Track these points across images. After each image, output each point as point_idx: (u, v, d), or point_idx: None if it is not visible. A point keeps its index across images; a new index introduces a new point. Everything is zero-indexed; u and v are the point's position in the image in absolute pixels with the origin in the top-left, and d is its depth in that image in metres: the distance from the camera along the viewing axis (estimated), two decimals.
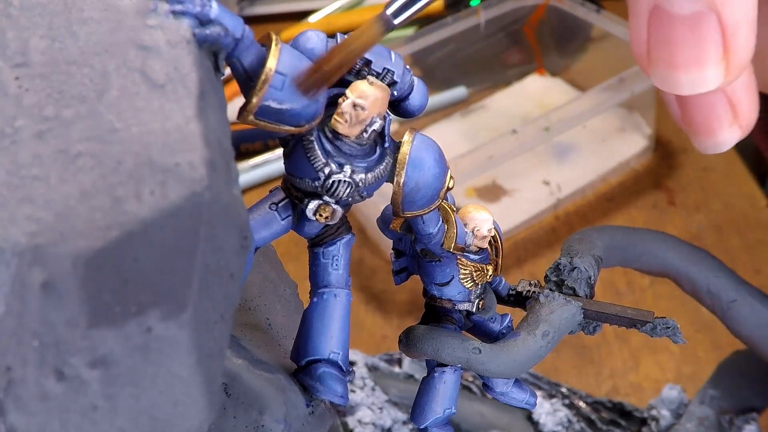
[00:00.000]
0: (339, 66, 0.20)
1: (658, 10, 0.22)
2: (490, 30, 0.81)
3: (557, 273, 0.30)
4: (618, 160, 0.73)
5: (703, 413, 0.42)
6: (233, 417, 0.24)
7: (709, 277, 0.34)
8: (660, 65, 0.23)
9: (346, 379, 0.25)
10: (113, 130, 0.18)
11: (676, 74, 0.23)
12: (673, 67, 0.23)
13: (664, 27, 0.22)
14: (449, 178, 0.25)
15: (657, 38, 0.22)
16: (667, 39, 0.22)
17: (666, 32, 0.22)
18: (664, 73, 0.23)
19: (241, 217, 0.20)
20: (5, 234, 0.16)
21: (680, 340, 0.29)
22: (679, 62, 0.22)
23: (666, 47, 0.22)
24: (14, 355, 0.17)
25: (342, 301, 0.25)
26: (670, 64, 0.22)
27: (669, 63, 0.23)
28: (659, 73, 0.23)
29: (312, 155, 0.22)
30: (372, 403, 0.45)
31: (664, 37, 0.22)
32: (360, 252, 0.67)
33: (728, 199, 0.71)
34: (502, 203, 0.70)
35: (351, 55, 0.20)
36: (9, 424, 0.17)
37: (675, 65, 0.22)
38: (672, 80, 0.23)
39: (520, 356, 0.28)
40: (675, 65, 0.22)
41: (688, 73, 0.22)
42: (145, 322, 0.17)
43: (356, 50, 0.20)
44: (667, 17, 0.22)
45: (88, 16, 0.19)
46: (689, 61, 0.22)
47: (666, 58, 0.22)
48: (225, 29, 0.20)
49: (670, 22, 0.22)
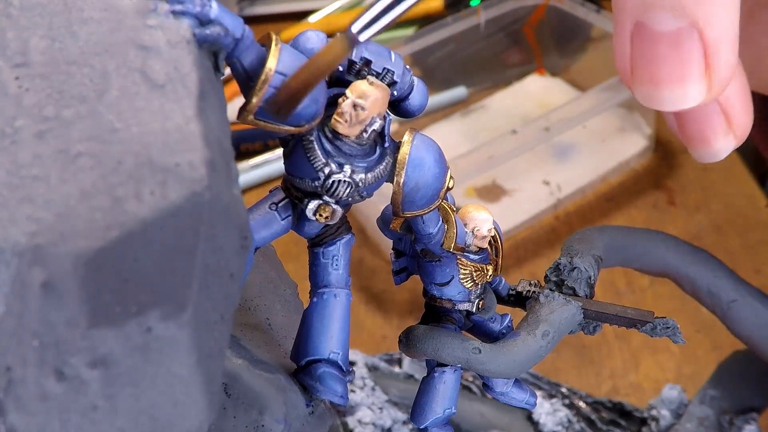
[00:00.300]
0: (306, 83, 0.20)
1: (641, 26, 0.22)
2: (490, 30, 0.81)
3: (557, 273, 0.30)
4: (618, 160, 0.73)
5: (703, 413, 0.42)
6: (233, 417, 0.24)
7: (709, 277, 0.34)
8: (643, 82, 0.23)
9: (346, 379, 0.25)
10: (113, 130, 0.18)
11: (659, 91, 0.23)
12: (655, 83, 0.23)
13: (647, 44, 0.22)
14: (449, 178, 0.25)
15: (640, 55, 0.22)
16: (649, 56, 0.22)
17: (648, 49, 0.22)
18: (647, 89, 0.23)
19: (241, 217, 0.20)
20: (5, 234, 0.16)
21: (680, 340, 0.29)
22: (662, 79, 0.22)
23: (648, 64, 0.22)
24: (14, 355, 0.17)
25: (342, 301, 0.25)
26: (653, 81, 0.23)
27: (651, 80, 0.23)
28: (642, 90, 0.23)
29: (312, 155, 0.22)
30: (372, 403, 0.45)
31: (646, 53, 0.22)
32: (360, 252, 0.67)
33: (728, 199, 0.71)
34: (502, 203, 0.70)
35: (317, 71, 0.20)
36: (9, 424, 0.17)
37: (657, 82, 0.23)
38: (655, 97, 0.23)
39: (520, 356, 0.28)
40: (657, 82, 0.23)
41: (670, 90, 0.23)
42: (145, 322, 0.17)
43: (322, 67, 0.20)
44: (649, 34, 0.22)
45: (88, 16, 0.19)
46: (671, 78, 0.22)
47: (648, 75, 0.23)
48: (225, 29, 0.20)
49: (652, 39, 0.22)
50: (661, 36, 0.22)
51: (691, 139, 0.27)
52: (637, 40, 0.22)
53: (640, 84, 0.23)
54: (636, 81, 0.23)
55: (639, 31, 0.22)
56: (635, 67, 0.23)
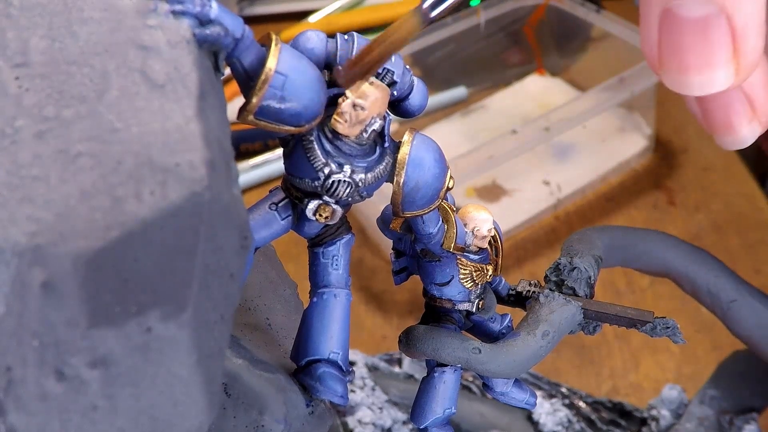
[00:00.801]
0: (378, 59, 0.21)
1: (669, 13, 0.22)
2: (490, 30, 0.81)
3: (557, 273, 0.30)
4: (618, 160, 0.73)
5: (703, 413, 0.42)
6: (233, 417, 0.24)
7: (709, 277, 0.34)
8: (671, 68, 0.23)
9: (346, 379, 0.25)
10: (113, 130, 0.18)
11: (687, 76, 0.23)
12: (683, 69, 0.23)
13: (675, 30, 0.22)
14: (449, 178, 0.25)
15: (668, 41, 0.23)
16: (678, 42, 0.23)
17: (676, 35, 0.22)
18: (675, 75, 0.23)
19: (241, 217, 0.20)
20: (5, 234, 0.16)
21: (680, 340, 0.29)
22: (690, 65, 0.23)
23: (677, 50, 0.23)
24: (14, 355, 0.17)
25: (342, 301, 0.25)
26: (681, 67, 0.23)
27: (680, 65, 0.23)
28: (670, 76, 0.23)
29: (312, 155, 0.22)
30: (372, 403, 0.45)
31: (674, 40, 0.23)
32: (360, 252, 0.67)
33: (728, 199, 0.71)
34: (502, 203, 0.70)
35: (390, 47, 0.21)
36: (9, 424, 0.17)
37: (686, 68, 0.23)
38: (683, 82, 0.23)
39: (520, 356, 0.28)
40: (686, 68, 0.23)
41: (698, 75, 0.23)
42: (145, 322, 0.17)
43: (395, 42, 0.21)
44: (678, 20, 0.22)
45: (88, 16, 0.19)
46: (700, 63, 0.23)
47: (677, 61, 0.23)
48: (225, 29, 0.20)
49: (681, 25, 0.22)
50: (690, 22, 0.22)
51: (716, 126, 0.27)
52: (665, 26, 0.22)
53: (668, 70, 0.23)
54: (664, 67, 0.23)
55: (667, 18, 0.22)
56: (663, 53, 0.23)
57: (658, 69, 0.24)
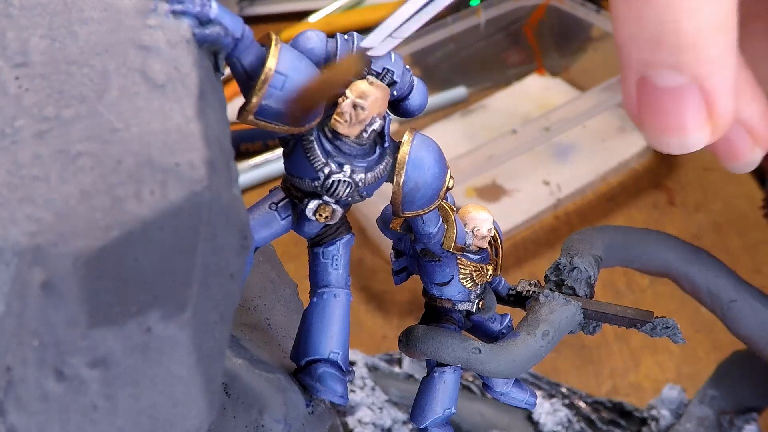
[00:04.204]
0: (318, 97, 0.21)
1: (645, 81, 0.23)
2: (490, 30, 0.81)
3: (557, 273, 0.30)
4: (618, 160, 0.73)
5: (703, 413, 0.42)
6: (233, 417, 0.24)
7: (709, 277, 0.34)
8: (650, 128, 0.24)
9: (346, 379, 0.25)
10: (113, 130, 0.18)
11: (667, 137, 0.24)
12: (662, 131, 0.24)
13: (651, 96, 0.23)
14: (449, 177, 0.25)
15: (646, 105, 0.24)
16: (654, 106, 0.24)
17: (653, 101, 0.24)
18: (654, 135, 0.24)
19: (241, 217, 0.20)
20: (5, 234, 0.16)
21: (680, 340, 0.29)
22: (667, 127, 0.24)
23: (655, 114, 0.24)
24: (14, 355, 0.17)
25: (342, 301, 0.25)
26: (659, 129, 0.24)
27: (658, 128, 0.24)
28: (651, 135, 0.24)
29: (312, 155, 0.22)
30: (372, 403, 0.45)
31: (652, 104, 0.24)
32: (360, 252, 0.67)
33: (728, 199, 0.71)
34: (502, 203, 0.70)
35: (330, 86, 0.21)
36: (9, 424, 0.17)
37: (663, 130, 0.24)
38: (663, 142, 0.24)
39: (520, 356, 0.28)
40: (663, 130, 0.24)
41: (675, 137, 0.24)
42: (145, 322, 0.17)
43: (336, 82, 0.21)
44: (653, 88, 0.23)
45: (88, 16, 0.19)
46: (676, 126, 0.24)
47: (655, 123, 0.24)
48: (225, 29, 0.20)
49: (656, 93, 0.23)
50: (664, 91, 0.23)
51: (720, 155, 0.28)
52: (643, 92, 0.24)
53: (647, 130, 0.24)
54: (644, 126, 0.24)
55: (643, 85, 0.23)
56: (642, 113, 0.24)
57: (639, 126, 0.25)
